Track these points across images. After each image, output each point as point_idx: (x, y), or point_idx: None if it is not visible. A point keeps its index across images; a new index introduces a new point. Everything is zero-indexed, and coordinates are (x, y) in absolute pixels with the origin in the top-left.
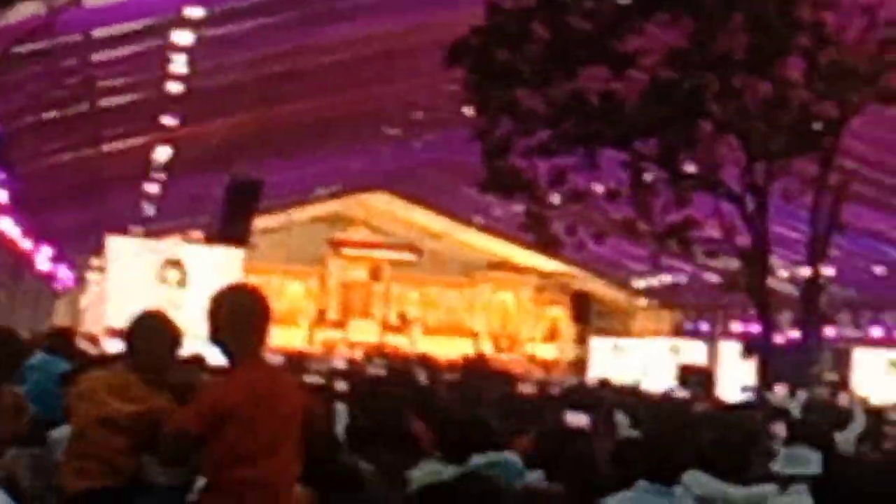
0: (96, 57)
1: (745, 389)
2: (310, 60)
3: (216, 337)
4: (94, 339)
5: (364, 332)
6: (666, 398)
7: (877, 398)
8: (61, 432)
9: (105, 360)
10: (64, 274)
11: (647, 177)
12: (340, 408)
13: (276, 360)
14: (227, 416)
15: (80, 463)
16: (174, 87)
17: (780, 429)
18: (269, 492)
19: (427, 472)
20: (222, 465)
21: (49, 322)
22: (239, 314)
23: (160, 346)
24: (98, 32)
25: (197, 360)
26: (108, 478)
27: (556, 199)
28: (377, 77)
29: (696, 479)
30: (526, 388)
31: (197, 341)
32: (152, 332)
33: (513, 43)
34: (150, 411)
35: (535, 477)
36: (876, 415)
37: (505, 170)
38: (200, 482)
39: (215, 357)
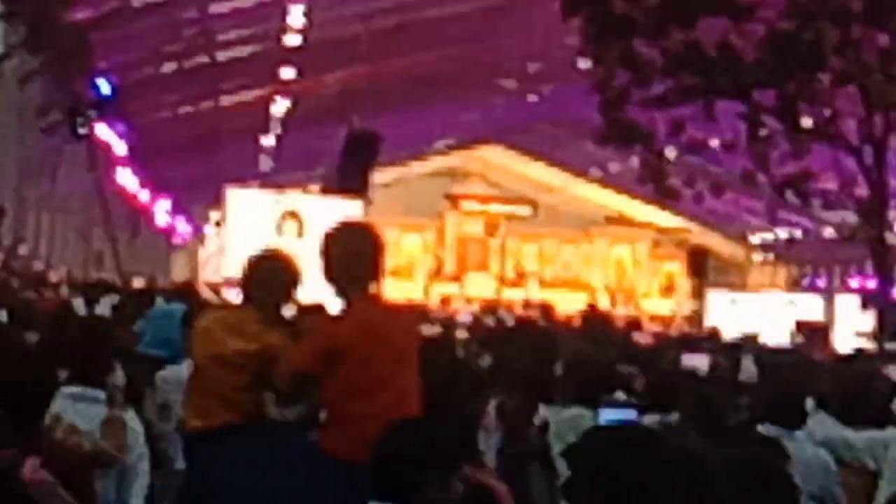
0: (214, 9)
1: (860, 335)
2: (426, 12)
3: (328, 274)
4: (216, 289)
5: (480, 287)
6: (784, 349)
7: None
8: (170, 372)
9: (226, 305)
10: (182, 227)
11: (765, 129)
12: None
13: None
14: (341, 351)
15: (199, 401)
16: (292, 40)
17: (894, 372)
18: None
19: (570, 415)
20: (339, 401)
21: (167, 274)
22: (350, 249)
23: (278, 283)
24: None
25: (318, 308)
26: (226, 415)
27: (673, 153)
28: (493, 29)
29: (819, 423)
30: (643, 339)
31: (316, 291)
32: (271, 269)
33: None
34: (266, 349)
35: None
36: None
37: (622, 121)
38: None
39: (335, 306)
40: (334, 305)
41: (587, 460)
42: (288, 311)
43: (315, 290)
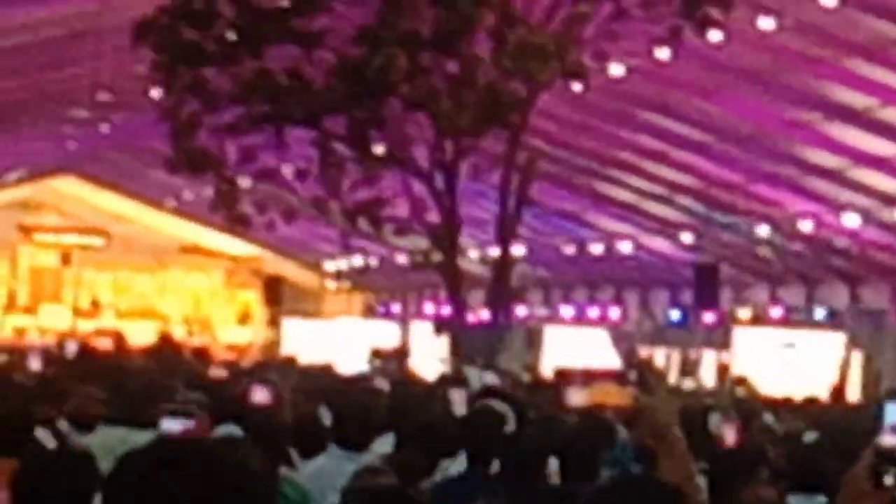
0: None
1: (442, 361)
2: None
3: None
4: None
5: (55, 318)
6: (357, 378)
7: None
8: None
9: None
10: None
11: (336, 155)
12: None
13: None
14: None
15: None
16: None
17: (457, 396)
18: None
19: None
20: None
21: None
22: None
23: None
24: None
25: None
26: None
27: (246, 181)
28: (62, 59)
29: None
30: (218, 371)
31: None
32: None
33: (199, 21)
34: None
35: None
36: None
37: (192, 149)
38: None
39: None
40: None
41: (126, 483)
42: None
43: None
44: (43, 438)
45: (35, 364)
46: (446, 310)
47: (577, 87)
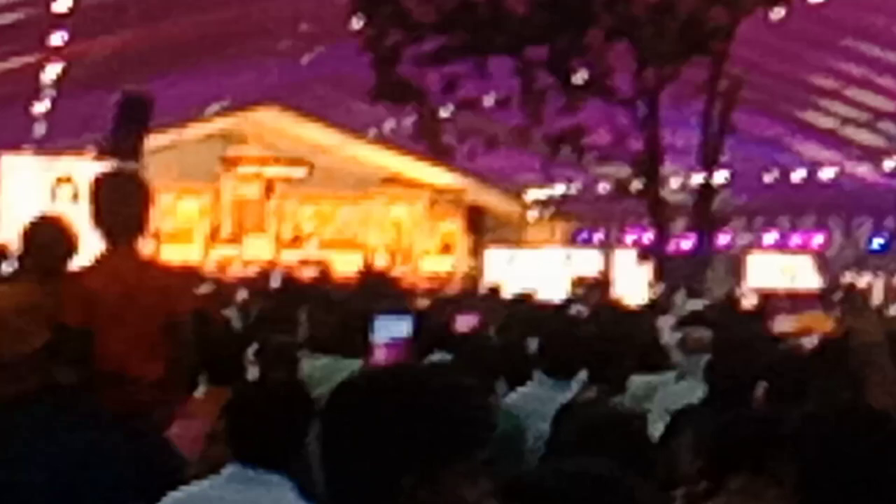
0: None
1: (650, 287)
2: None
3: (96, 219)
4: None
5: (258, 249)
6: (560, 306)
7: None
8: None
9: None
10: None
11: (538, 84)
12: None
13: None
14: (90, 301)
15: None
16: (61, 5)
17: (665, 322)
18: (136, 385)
19: (321, 364)
20: (97, 357)
21: None
22: (118, 196)
23: (57, 249)
24: None
25: None
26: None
27: (448, 111)
28: None
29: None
30: (421, 301)
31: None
32: (50, 233)
33: None
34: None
35: None
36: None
37: (394, 79)
38: None
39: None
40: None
41: (341, 414)
42: None
43: (91, 253)
44: (251, 370)
45: (241, 294)
46: (648, 237)
47: (778, 13)
